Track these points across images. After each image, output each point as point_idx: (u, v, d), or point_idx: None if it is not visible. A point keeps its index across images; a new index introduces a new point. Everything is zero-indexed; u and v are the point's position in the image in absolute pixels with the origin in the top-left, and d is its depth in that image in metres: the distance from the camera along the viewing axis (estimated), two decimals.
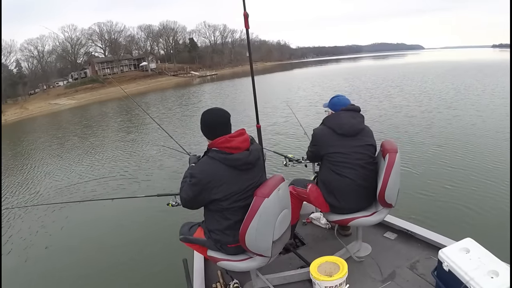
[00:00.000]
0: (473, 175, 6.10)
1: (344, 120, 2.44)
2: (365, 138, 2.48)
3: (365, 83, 24.23)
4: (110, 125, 20.34)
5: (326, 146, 2.46)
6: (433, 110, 12.38)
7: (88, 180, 9.14)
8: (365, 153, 2.44)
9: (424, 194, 5.63)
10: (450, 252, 2.02)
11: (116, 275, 4.61)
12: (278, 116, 14.39)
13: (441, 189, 5.74)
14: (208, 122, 2.06)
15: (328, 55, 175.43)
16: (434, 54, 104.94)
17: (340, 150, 2.41)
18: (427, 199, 5.46)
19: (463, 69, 28.59)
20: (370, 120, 10.89)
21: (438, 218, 4.81)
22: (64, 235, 6.08)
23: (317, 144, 2.52)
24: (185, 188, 2.05)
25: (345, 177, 2.39)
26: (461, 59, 49.71)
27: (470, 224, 4.58)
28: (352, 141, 2.42)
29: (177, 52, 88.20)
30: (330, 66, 67.25)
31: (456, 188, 5.70)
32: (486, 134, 8.64)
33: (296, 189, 2.68)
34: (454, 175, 6.24)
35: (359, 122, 2.48)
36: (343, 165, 2.40)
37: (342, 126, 2.42)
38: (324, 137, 2.48)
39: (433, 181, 6.07)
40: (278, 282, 2.43)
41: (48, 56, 69.45)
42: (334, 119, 2.49)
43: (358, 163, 2.40)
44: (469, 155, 7.22)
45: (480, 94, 14.77)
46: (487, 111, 11.28)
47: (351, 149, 2.41)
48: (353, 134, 2.43)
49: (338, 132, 2.42)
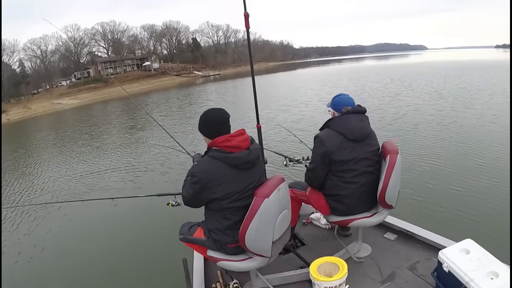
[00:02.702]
0: (473, 176, 6.08)
1: (354, 124, 2.27)
2: (373, 142, 2.37)
3: (373, 83, 24.28)
4: (111, 125, 20.42)
5: (336, 152, 2.26)
6: (434, 111, 12.35)
7: (88, 180, 9.19)
8: (373, 158, 2.35)
9: (424, 195, 5.61)
10: (450, 253, 2.01)
11: (116, 275, 4.63)
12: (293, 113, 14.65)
13: (441, 190, 5.73)
14: (208, 122, 2.07)
15: (331, 55, 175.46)
16: (437, 54, 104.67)
17: (352, 157, 2.26)
18: (427, 200, 5.44)
19: (468, 69, 28.60)
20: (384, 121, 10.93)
21: (438, 219, 4.80)
22: (64, 235, 6.10)
23: (326, 150, 2.27)
24: (186, 187, 2.05)
25: (352, 183, 2.30)
26: (464, 59, 49.65)
27: (470, 225, 4.57)
28: (362, 147, 2.29)
29: (180, 52, 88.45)
30: (333, 66, 67.26)
31: (456, 189, 5.68)
32: (486, 134, 8.62)
33: (295, 192, 2.66)
34: (454, 176, 6.23)
35: (367, 125, 2.36)
36: (352, 173, 2.29)
37: (352, 131, 2.25)
38: (334, 143, 2.26)
39: (434, 182, 6.06)
40: (278, 283, 2.42)
41: (51, 56, 69.86)
42: (343, 122, 2.29)
43: (367, 170, 2.32)
44: (469, 155, 7.20)
45: (480, 96, 14.70)
46: (488, 112, 11.25)
47: (361, 155, 2.28)
48: (363, 139, 2.29)
49: (350, 138, 2.25)
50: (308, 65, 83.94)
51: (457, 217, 4.83)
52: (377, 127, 10.08)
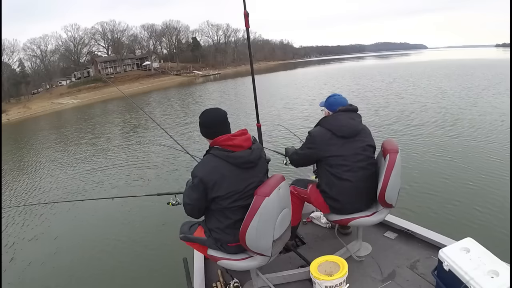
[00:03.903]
0: (474, 175, 6.08)
1: (344, 122, 2.36)
2: (365, 138, 2.41)
3: (376, 82, 24.23)
4: (111, 125, 20.39)
5: (325, 149, 2.35)
6: (439, 109, 12.35)
7: (88, 179, 9.19)
8: (365, 154, 2.38)
9: (425, 193, 5.61)
10: (450, 251, 2.01)
11: (116, 273, 4.64)
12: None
13: (441, 189, 5.73)
14: (207, 122, 2.07)
15: (331, 54, 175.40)
16: (438, 53, 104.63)
17: (340, 153, 2.33)
18: (428, 198, 5.44)
19: (470, 68, 28.52)
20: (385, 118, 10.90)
21: (439, 217, 4.81)
22: (63, 234, 6.10)
23: (315, 146, 2.39)
24: (187, 192, 2.05)
25: (345, 180, 2.33)
26: (466, 58, 49.52)
27: (470, 224, 4.57)
28: (352, 143, 2.35)
29: (180, 51, 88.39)
30: (334, 65, 67.14)
31: (457, 188, 5.69)
32: (486, 134, 8.59)
33: (297, 189, 2.67)
34: (454, 175, 6.22)
35: (358, 122, 2.42)
36: (342, 168, 2.33)
37: (342, 128, 2.34)
38: (324, 140, 2.36)
39: (434, 181, 6.06)
40: (278, 282, 2.42)
41: (51, 56, 69.83)
42: (332, 120, 2.39)
43: (358, 165, 2.34)
44: (469, 155, 7.19)
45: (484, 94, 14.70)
46: (489, 111, 11.23)
47: (351, 151, 2.33)
48: (353, 135, 2.36)
49: (338, 135, 2.34)
50: (308, 64, 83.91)
51: (457, 216, 4.83)
52: (377, 127, 10.11)
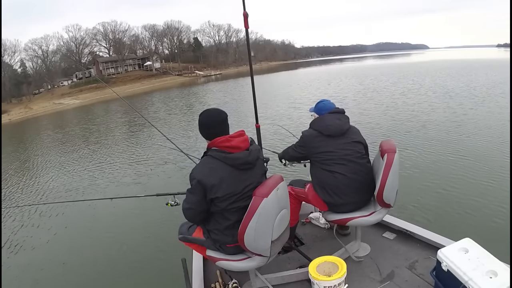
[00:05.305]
0: (472, 175, 6.08)
1: (329, 122, 2.52)
2: (352, 136, 2.55)
3: (380, 82, 24.19)
4: (111, 125, 20.40)
5: (314, 147, 2.53)
6: (436, 110, 12.34)
7: (87, 180, 9.20)
8: (352, 148, 2.50)
9: (423, 194, 5.61)
10: (449, 252, 2.01)
11: (115, 274, 4.65)
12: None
13: (440, 189, 5.72)
14: (206, 123, 2.07)
15: (333, 55, 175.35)
16: (439, 53, 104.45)
17: (328, 149, 2.48)
18: (426, 199, 5.44)
19: (473, 68, 28.48)
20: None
21: (437, 218, 4.80)
22: (62, 235, 6.11)
23: (305, 145, 2.59)
24: (186, 198, 2.05)
25: (335, 173, 2.43)
26: (468, 58, 49.40)
27: (469, 224, 4.57)
28: (338, 140, 2.50)
29: (182, 51, 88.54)
30: (335, 65, 66.99)
31: (455, 188, 5.68)
32: (486, 134, 8.58)
33: (295, 189, 2.70)
34: (453, 175, 6.22)
35: (345, 122, 2.56)
36: (331, 162, 2.46)
37: (328, 128, 2.50)
38: (312, 139, 2.55)
39: (432, 181, 6.05)
40: (277, 282, 2.42)
41: (53, 56, 70.09)
42: (320, 121, 2.57)
43: (346, 158, 2.45)
44: (468, 155, 7.18)
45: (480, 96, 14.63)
46: (488, 111, 11.22)
47: (337, 147, 2.48)
48: (339, 134, 2.51)
49: (325, 134, 2.50)
50: (310, 64, 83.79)
51: (456, 216, 4.83)
52: (377, 127, 10.11)
